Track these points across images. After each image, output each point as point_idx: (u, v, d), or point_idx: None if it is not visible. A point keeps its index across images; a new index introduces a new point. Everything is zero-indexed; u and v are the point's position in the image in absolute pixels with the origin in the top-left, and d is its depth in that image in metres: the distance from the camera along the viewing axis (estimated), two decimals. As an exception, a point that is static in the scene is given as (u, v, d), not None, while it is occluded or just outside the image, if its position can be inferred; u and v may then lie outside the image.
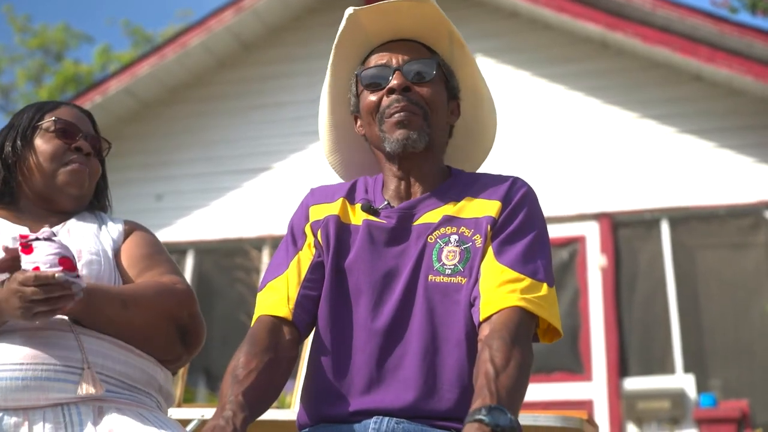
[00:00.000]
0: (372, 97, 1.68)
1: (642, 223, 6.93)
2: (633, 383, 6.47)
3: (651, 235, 6.88)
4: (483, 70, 1.80)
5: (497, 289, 1.51)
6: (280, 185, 7.53)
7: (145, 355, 1.76)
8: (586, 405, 6.35)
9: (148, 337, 1.75)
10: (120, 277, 1.83)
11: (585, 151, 7.10)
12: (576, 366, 6.64)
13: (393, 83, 1.66)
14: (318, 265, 1.66)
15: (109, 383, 1.66)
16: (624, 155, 7.00)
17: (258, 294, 1.69)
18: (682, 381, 6.35)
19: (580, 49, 7.39)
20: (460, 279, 1.56)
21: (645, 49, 7.01)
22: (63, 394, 1.60)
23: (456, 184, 1.69)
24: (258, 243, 7.42)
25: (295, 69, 7.91)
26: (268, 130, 7.85)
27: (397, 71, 1.66)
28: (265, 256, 7.26)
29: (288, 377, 1.61)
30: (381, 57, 1.70)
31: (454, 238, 1.59)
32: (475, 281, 1.55)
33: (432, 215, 1.63)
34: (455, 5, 7.20)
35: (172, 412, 2.28)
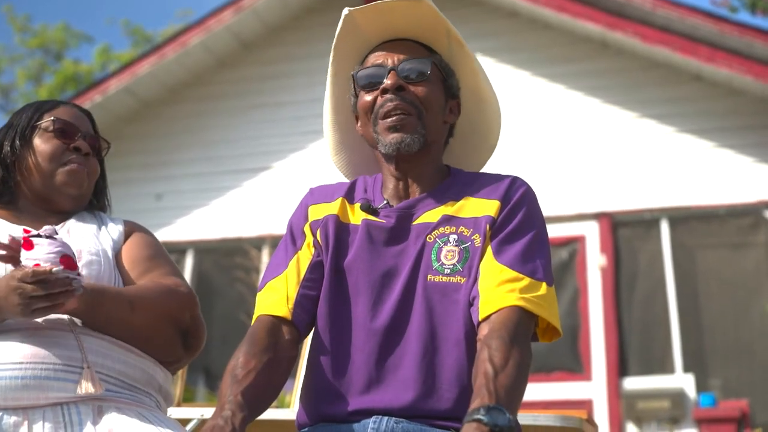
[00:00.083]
0: (367, 97, 1.68)
1: (642, 223, 6.92)
2: (633, 383, 6.47)
3: (651, 235, 6.88)
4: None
5: (496, 289, 1.51)
6: (279, 185, 7.53)
7: (145, 355, 1.76)
8: (585, 405, 6.35)
9: (150, 339, 1.75)
10: (120, 278, 1.83)
11: (585, 151, 7.09)
12: (576, 366, 6.64)
13: (386, 83, 1.65)
14: (317, 265, 1.66)
15: (109, 382, 1.66)
16: (624, 155, 7.00)
17: (257, 294, 1.69)
18: (681, 381, 6.35)
19: (579, 49, 7.39)
20: (459, 278, 1.56)
21: (645, 49, 7.01)
22: (62, 393, 1.60)
23: (455, 183, 1.69)
24: (258, 242, 7.42)
25: (295, 68, 7.91)
26: (267, 129, 7.85)
27: (392, 71, 1.66)
28: (265, 255, 7.25)
29: (287, 377, 1.61)
30: (378, 57, 1.70)
31: (453, 237, 1.59)
32: (474, 281, 1.55)
33: (431, 215, 1.63)
34: (454, 4, 7.20)
35: (171, 411, 2.28)
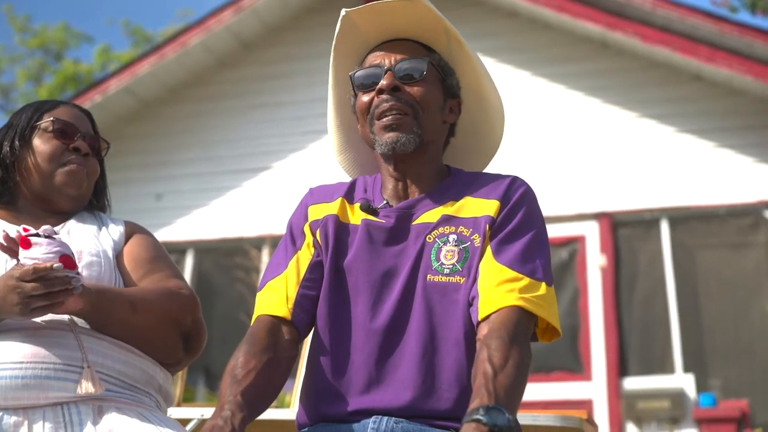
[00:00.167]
0: (364, 98, 1.68)
1: (642, 223, 6.92)
2: (633, 383, 6.47)
3: (651, 235, 6.88)
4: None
5: (496, 289, 1.51)
6: (279, 185, 7.53)
7: (145, 355, 1.76)
8: (585, 405, 6.35)
9: (150, 341, 1.75)
10: (121, 279, 1.83)
11: (585, 151, 7.09)
12: (575, 366, 6.64)
13: (382, 83, 1.65)
14: (317, 265, 1.66)
15: (109, 382, 1.66)
16: (624, 155, 7.00)
17: (257, 294, 1.69)
18: (681, 381, 6.35)
19: (579, 49, 7.39)
20: (458, 278, 1.56)
21: (645, 49, 7.01)
22: (63, 393, 1.60)
23: (455, 183, 1.69)
24: (257, 242, 7.42)
25: (295, 68, 7.91)
26: (267, 129, 7.85)
27: (389, 71, 1.66)
28: (265, 255, 7.26)
29: (287, 377, 1.61)
30: (376, 57, 1.70)
31: (452, 237, 1.59)
32: (474, 281, 1.55)
33: (431, 215, 1.63)
34: (454, 4, 7.20)
35: (171, 411, 2.28)
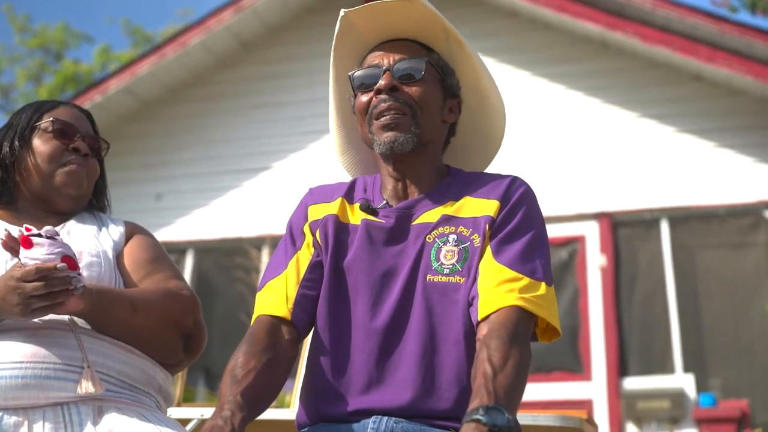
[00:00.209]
0: (363, 98, 1.68)
1: (642, 223, 6.92)
2: (632, 383, 6.47)
3: (651, 235, 6.88)
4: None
5: (495, 289, 1.51)
6: (279, 185, 7.53)
7: (145, 355, 1.76)
8: (585, 405, 6.35)
9: (151, 341, 1.75)
10: (121, 279, 1.83)
11: (585, 151, 7.09)
12: (575, 366, 6.64)
13: (380, 83, 1.65)
14: (317, 265, 1.65)
15: (109, 382, 1.66)
16: (624, 155, 7.00)
17: (257, 294, 1.69)
18: (681, 381, 6.35)
19: (579, 49, 7.39)
20: (458, 278, 1.56)
21: (645, 49, 7.01)
22: (63, 392, 1.60)
23: (454, 183, 1.69)
24: (257, 242, 7.42)
25: (295, 68, 7.91)
26: (267, 129, 7.85)
27: (387, 71, 1.66)
28: (265, 255, 7.26)
29: (287, 377, 1.60)
30: (375, 57, 1.70)
31: (452, 237, 1.59)
32: (474, 281, 1.55)
33: (430, 215, 1.63)
34: (455, 4, 7.20)
35: (171, 411, 2.28)
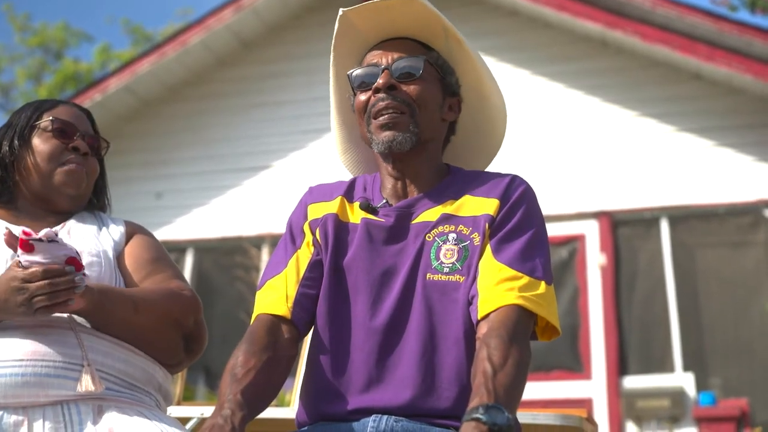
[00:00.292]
0: (362, 97, 1.68)
1: (641, 222, 6.92)
2: (632, 382, 6.47)
3: (650, 234, 6.88)
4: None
5: (495, 287, 1.51)
6: (279, 183, 7.53)
7: (145, 354, 1.76)
8: (585, 403, 6.35)
9: (152, 341, 1.75)
10: (122, 279, 1.83)
11: (584, 150, 7.09)
12: (575, 364, 6.64)
13: (378, 82, 1.65)
14: (317, 264, 1.66)
15: (109, 381, 1.66)
16: (623, 154, 7.00)
17: (257, 292, 1.69)
18: (681, 379, 6.35)
19: (579, 48, 7.39)
20: (458, 277, 1.56)
21: (644, 48, 7.01)
22: (63, 390, 1.60)
23: (454, 182, 1.69)
24: (257, 241, 7.43)
25: (295, 67, 7.91)
26: (267, 128, 7.85)
27: (385, 70, 1.66)
28: (265, 254, 7.26)
29: (287, 376, 1.60)
30: (374, 56, 1.70)
31: (452, 236, 1.59)
32: (473, 279, 1.55)
33: (430, 213, 1.63)
34: (455, 3, 7.20)
35: (171, 410, 2.28)
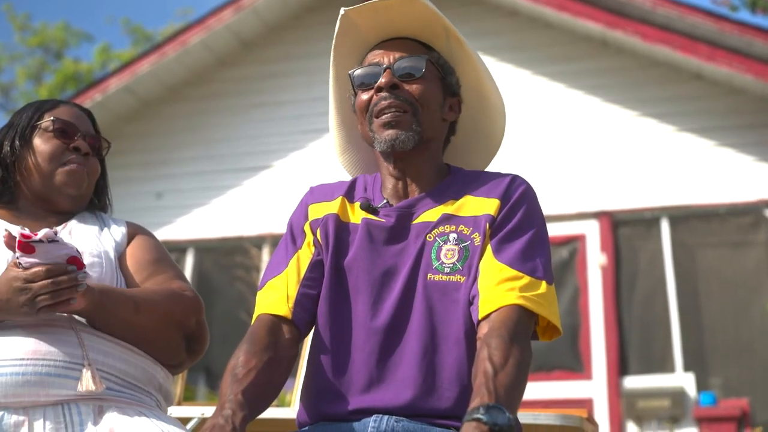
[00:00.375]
0: (363, 96, 1.69)
1: (642, 222, 6.92)
2: (633, 382, 6.47)
3: (651, 234, 6.88)
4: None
5: (496, 287, 1.51)
6: (280, 183, 7.53)
7: (146, 354, 1.76)
8: (585, 403, 6.35)
9: (153, 342, 1.76)
10: (123, 280, 1.83)
11: (585, 150, 7.09)
12: (576, 364, 6.64)
13: (381, 81, 1.65)
14: (317, 264, 1.66)
15: (110, 380, 1.66)
16: (624, 154, 7.00)
17: (258, 293, 1.69)
18: (682, 379, 6.35)
19: (580, 48, 7.39)
20: (458, 277, 1.56)
21: (645, 48, 7.01)
22: (63, 390, 1.60)
23: (455, 182, 1.69)
24: (258, 241, 7.42)
25: (295, 67, 7.91)
26: (268, 128, 7.85)
27: (387, 69, 1.66)
28: (265, 254, 7.26)
29: (288, 376, 1.61)
30: (375, 56, 1.71)
31: (452, 236, 1.59)
32: (474, 279, 1.55)
33: (431, 214, 1.63)
34: (455, 3, 7.20)
35: (172, 410, 2.27)
